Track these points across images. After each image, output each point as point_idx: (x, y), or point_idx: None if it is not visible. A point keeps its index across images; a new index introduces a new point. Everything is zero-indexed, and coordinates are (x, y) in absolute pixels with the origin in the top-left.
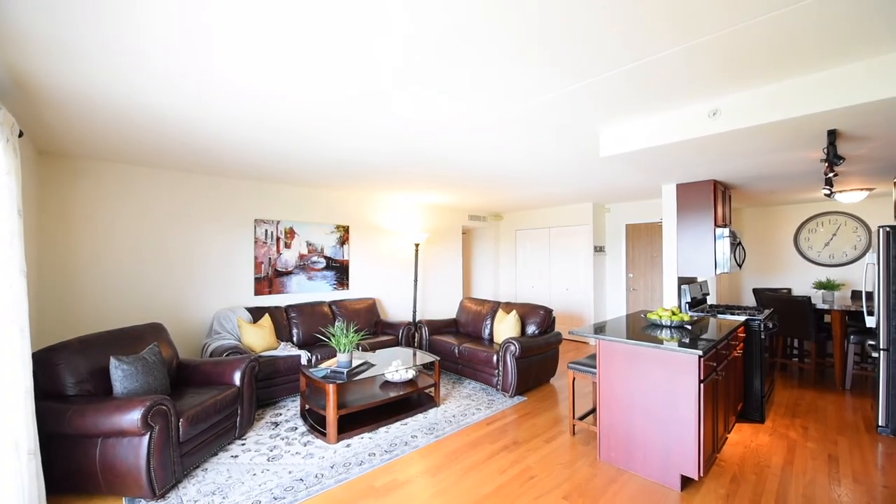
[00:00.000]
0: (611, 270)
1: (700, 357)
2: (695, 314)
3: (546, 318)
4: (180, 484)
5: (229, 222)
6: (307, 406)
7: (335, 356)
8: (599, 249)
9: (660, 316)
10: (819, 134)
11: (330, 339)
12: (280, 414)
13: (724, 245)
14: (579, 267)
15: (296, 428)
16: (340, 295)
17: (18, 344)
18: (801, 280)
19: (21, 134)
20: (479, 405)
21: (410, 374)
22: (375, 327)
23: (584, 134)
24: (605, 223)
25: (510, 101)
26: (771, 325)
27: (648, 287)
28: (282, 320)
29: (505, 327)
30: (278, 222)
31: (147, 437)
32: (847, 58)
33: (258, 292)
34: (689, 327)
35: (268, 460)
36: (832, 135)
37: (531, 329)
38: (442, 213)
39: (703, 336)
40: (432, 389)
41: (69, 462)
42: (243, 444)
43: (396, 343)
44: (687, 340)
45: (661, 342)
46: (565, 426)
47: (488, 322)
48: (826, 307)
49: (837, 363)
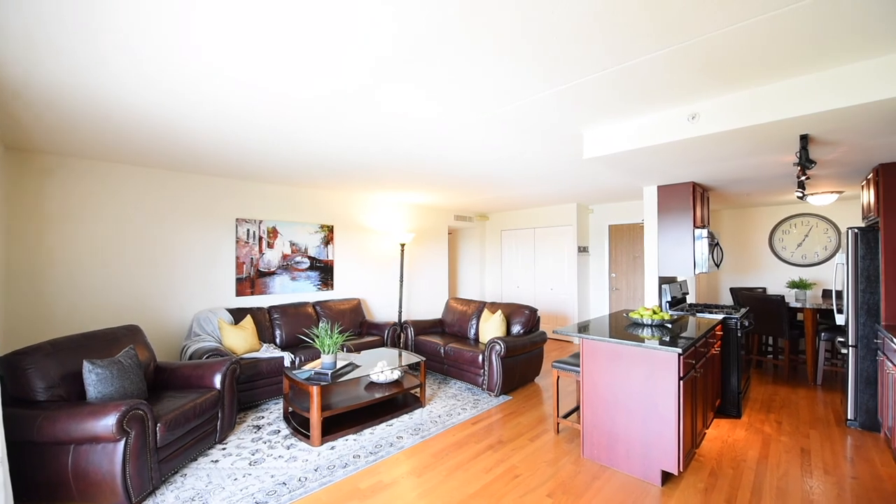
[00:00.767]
0: (594, 270)
1: (679, 355)
2: (675, 313)
3: (531, 318)
4: (158, 491)
5: (210, 221)
6: (290, 408)
7: (319, 358)
8: (583, 250)
9: (641, 315)
10: (792, 138)
11: (314, 341)
12: (262, 417)
13: (703, 245)
14: (563, 267)
15: (279, 431)
16: (325, 295)
17: None
18: (776, 279)
19: None
20: (465, 405)
21: (396, 375)
22: (361, 328)
23: (568, 135)
24: (589, 224)
25: (494, 102)
26: (747, 324)
27: (631, 287)
28: (264, 322)
29: (490, 327)
30: (261, 222)
31: (122, 443)
32: (817, 66)
33: (240, 293)
34: (670, 326)
35: (249, 464)
36: (804, 139)
37: (516, 329)
38: (428, 213)
39: (683, 334)
40: (418, 390)
41: (40, 470)
42: (224, 449)
43: (382, 344)
44: (667, 339)
45: (643, 341)
46: (550, 424)
47: (474, 322)
48: (799, 306)
49: (809, 360)
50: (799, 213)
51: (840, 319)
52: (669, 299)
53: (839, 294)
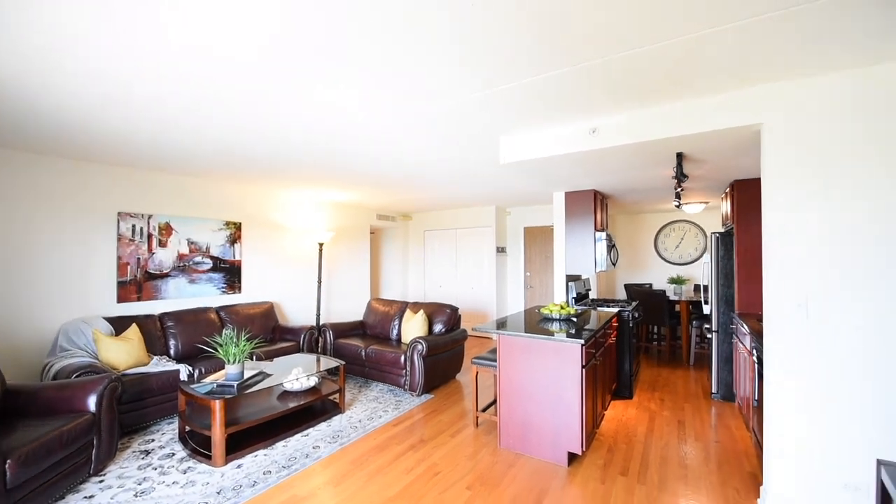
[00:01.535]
0: (511, 269)
1: (582, 345)
2: (579, 308)
3: (452, 317)
4: None
5: (82, 214)
6: (187, 427)
7: (223, 368)
8: (501, 250)
9: (551, 310)
10: (670, 155)
11: (217, 350)
12: (152, 440)
13: (602, 247)
14: (483, 267)
15: (173, 454)
16: (231, 299)
17: None
18: (659, 276)
19: None
20: (387, 407)
21: (312, 382)
22: (273, 333)
23: (488, 140)
24: (507, 225)
25: (416, 101)
26: (637, 315)
27: (543, 285)
28: (155, 331)
29: (413, 327)
30: (150, 216)
31: None
32: (682, 97)
33: (123, 299)
34: (575, 320)
35: (135, 495)
36: (679, 156)
37: (438, 328)
38: (348, 212)
39: (586, 327)
40: (337, 396)
41: None
42: (102, 482)
43: (298, 349)
44: (573, 331)
45: (552, 334)
46: (470, 419)
47: (396, 322)
48: (676, 298)
49: (685, 344)
50: (677, 220)
51: (706, 309)
52: (575, 295)
53: (706, 288)
